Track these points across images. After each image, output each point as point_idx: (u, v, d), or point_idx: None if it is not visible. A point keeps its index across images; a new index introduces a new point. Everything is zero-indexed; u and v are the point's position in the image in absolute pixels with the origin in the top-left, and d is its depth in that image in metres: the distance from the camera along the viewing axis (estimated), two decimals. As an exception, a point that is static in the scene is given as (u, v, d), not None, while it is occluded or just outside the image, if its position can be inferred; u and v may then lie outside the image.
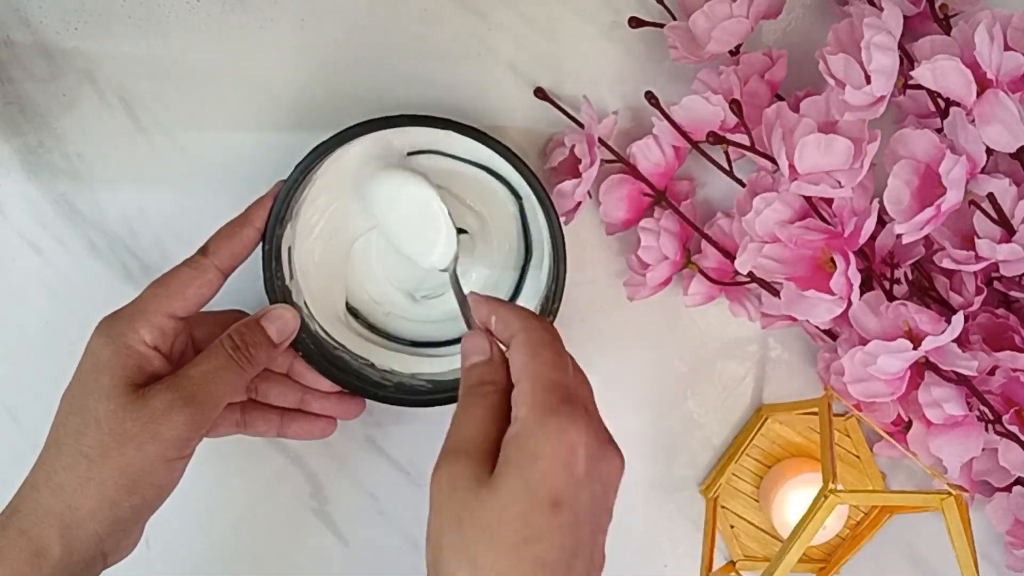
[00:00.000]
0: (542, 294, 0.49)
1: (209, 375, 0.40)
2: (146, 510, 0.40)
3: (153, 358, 0.41)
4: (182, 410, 0.39)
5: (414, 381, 0.50)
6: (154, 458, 0.38)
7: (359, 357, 0.50)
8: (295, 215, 0.47)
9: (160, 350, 0.41)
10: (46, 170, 0.51)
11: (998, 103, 0.42)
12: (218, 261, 0.43)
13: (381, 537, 0.54)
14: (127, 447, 0.38)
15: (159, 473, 0.39)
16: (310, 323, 0.48)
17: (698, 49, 0.48)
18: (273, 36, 0.51)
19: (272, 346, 0.43)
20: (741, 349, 0.55)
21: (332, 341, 0.49)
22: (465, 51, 0.51)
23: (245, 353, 0.41)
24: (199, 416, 0.39)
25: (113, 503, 0.38)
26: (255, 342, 0.42)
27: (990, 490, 0.51)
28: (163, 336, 0.41)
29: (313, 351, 0.47)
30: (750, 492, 0.56)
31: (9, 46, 0.50)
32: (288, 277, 0.47)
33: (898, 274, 0.47)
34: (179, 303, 0.42)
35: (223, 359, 0.41)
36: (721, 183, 0.51)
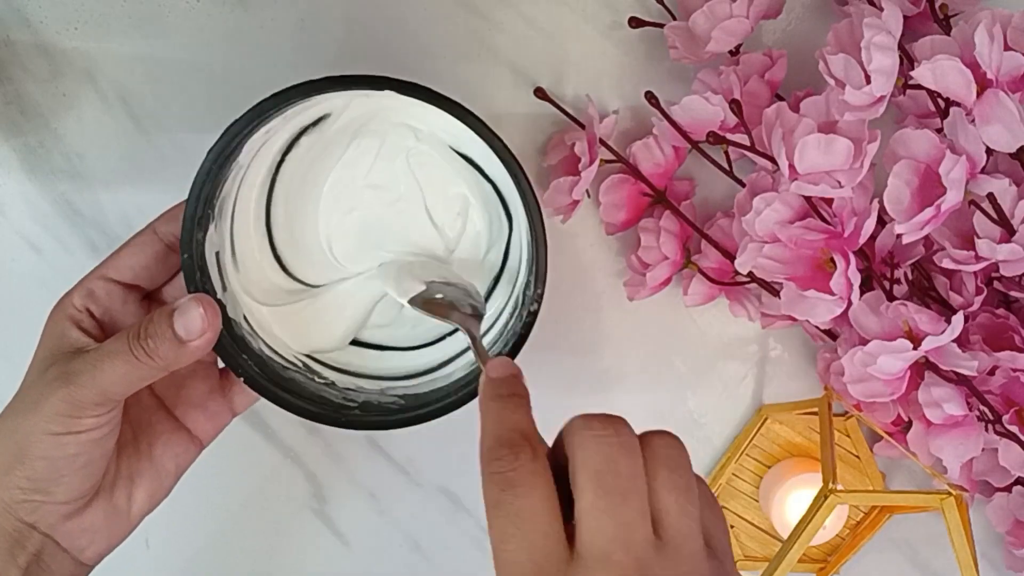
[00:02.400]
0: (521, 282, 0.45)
1: (100, 359, 0.37)
2: (53, 486, 0.37)
3: (81, 320, 0.40)
4: (61, 387, 0.37)
5: (383, 398, 0.44)
6: (35, 429, 0.37)
7: (316, 376, 0.45)
8: (220, 213, 0.41)
9: (93, 313, 0.40)
10: (46, 170, 0.51)
11: (998, 103, 0.42)
12: (157, 223, 0.42)
13: (381, 537, 0.54)
14: (17, 414, 0.38)
15: (43, 445, 0.37)
16: (252, 341, 0.43)
17: (698, 49, 0.48)
18: (273, 36, 0.51)
19: (178, 343, 0.38)
20: (741, 349, 0.55)
21: (281, 360, 0.44)
22: (465, 51, 0.51)
23: (144, 344, 0.37)
24: (77, 395, 0.37)
25: (6, 469, 0.37)
26: (157, 335, 0.37)
27: (990, 490, 0.51)
28: (92, 297, 0.40)
29: (257, 375, 0.42)
30: (750, 492, 0.56)
31: (9, 46, 0.49)
32: (221, 289, 0.42)
33: (898, 274, 0.47)
34: (111, 263, 0.41)
35: (120, 346, 0.38)
36: (721, 183, 0.51)
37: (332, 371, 0.46)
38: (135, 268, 0.41)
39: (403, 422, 0.42)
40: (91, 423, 0.37)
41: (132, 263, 0.41)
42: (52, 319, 0.41)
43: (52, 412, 0.37)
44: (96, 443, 0.38)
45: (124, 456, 0.41)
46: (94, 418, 0.37)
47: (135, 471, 0.41)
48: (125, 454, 0.41)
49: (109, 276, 0.41)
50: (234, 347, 0.41)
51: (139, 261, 0.41)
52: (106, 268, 0.41)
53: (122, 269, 0.41)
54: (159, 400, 0.42)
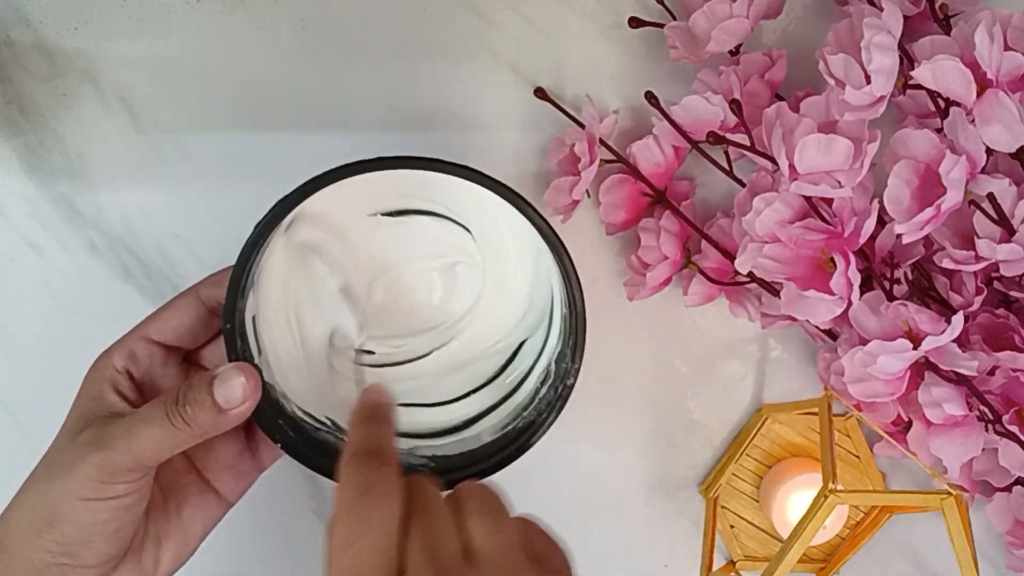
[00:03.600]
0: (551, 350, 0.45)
1: (136, 425, 0.37)
2: (83, 551, 0.37)
3: (120, 382, 0.40)
4: (94, 452, 0.36)
5: (412, 459, 0.43)
6: (67, 494, 0.36)
7: (344, 433, 0.43)
8: (257, 279, 0.41)
9: (132, 375, 0.40)
10: (46, 170, 0.51)
11: (998, 103, 0.42)
12: (200, 286, 0.42)
13: (381, 537, 0.54)
14: (50, 477, 0.37)
15: (75, 511, 0.36)
16: (286, 404, 0.42)
17: (698, 49, 0.48)
18: (273, 36, 0.51)
19: (218, 411, 0.37)
20: (741, 349, 0.55)
21: (313, 422, 0.43)
22: (465, 51, 0.51)
23: (181, 412, 0.37)
24: (110, 462, 0.36)
25: (36, 532, 0.36)
26: (197, 402, 0.37)
27: (990, 490, 0.51)
28: (133, 359, 0.40)
29: (293, 439, 0.41)
30: (750, 492, 0.56)
31: (9, 46, 0.49)
32: (257, 353, 0.41)
33: (898, 274, 0.47)
34: (152, 324, 0.41)
35: (157, 412, 0.37)
36: (721, 183, 0.51)
37: None
38: (178, 330, 0.41)
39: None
40: (123, 489, 0.37)
41: (175, 325, 0.41)
42: (90, 379, 0.40)
43: (84, 477, 0.36)
44: (127, 509, 0.37)
45: (152, 518, 0.40)
46: (126, 484, 0.37)
47: (163, 533, 0.40)
48: (154, 516, 0.40)
49: (151, 337, 0.41)
50: (270, 412, 0.41)
51: (182, 324, 0.41)
52: (148, 329, 0.41)
53: (165, 331, 0.41)
54: (190, 462, 0.42)
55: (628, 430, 0.55)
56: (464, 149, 0.52)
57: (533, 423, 0.43)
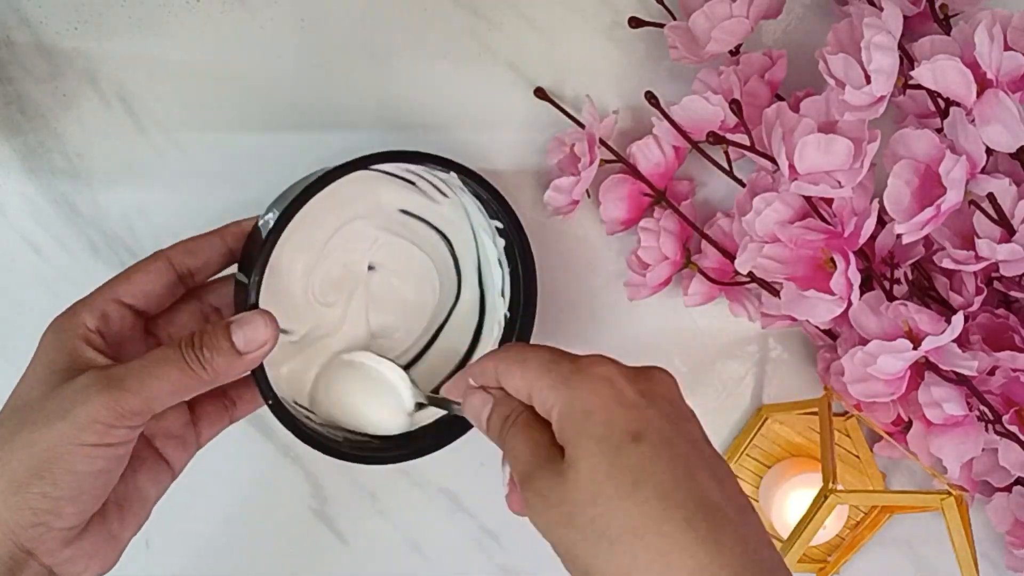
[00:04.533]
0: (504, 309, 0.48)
1: (148, 365, 0.36)
2: (68, 506, 0.36)
3: (94, 340, 0.39)
4: (102, 391, 0.35)
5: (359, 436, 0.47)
6: (64, 438, 0.35)
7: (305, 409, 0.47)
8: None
9: (103, 334, 0.39)
10: (46, 170, 0.51)
11: (998, 103, 0.42)
12: (171, 252, 0.42)
13: (381, 537, 0.54)
14: (38, 425, 0.35)
15: (72, 457, 0.35)
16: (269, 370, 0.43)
17: (698, 49, 0.48)
18: (273, 36, 0.51)
19: (236, 354, 0.38)
20: (741, 349, 0.55)
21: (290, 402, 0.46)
22: (465, 51, 0.51)
23: (199, 354, 0.37)
24: (122, 401, 0.35)
25: (20, 485, 0.35)
26: (215, 346, 0.37)
27: (990, 490, 0.51)
28: (105, 319, 0.40)
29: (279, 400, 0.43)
30: (750, 492, 0.56)
31: (9, 46, 0.49)
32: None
33: (898, 274, 0.47)
34: (124, 286, 0.40)
35: (172, 353, 0.37)
36: (721, 183, 0.51)
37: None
38: (149, 295, 0.41)
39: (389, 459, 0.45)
40: (124, 435, 0.36)
41: (146, 289, 0.41)
42: (57, 335, 0.39)
43: (89, 419, 0.35)
44: (118, 460, 0.37)
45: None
46: (127, 429, 0.36)
47: (122, 497, 0.40)
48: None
49: (122, 300, 0.40)
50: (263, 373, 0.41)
51: (153, 287, 0.41)
52: (118, 291, 0.41)
53: (136, 294, 0.41)
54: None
55: (628, 430, 0.55)
56: (464, 149, 0.52)
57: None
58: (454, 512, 0.54)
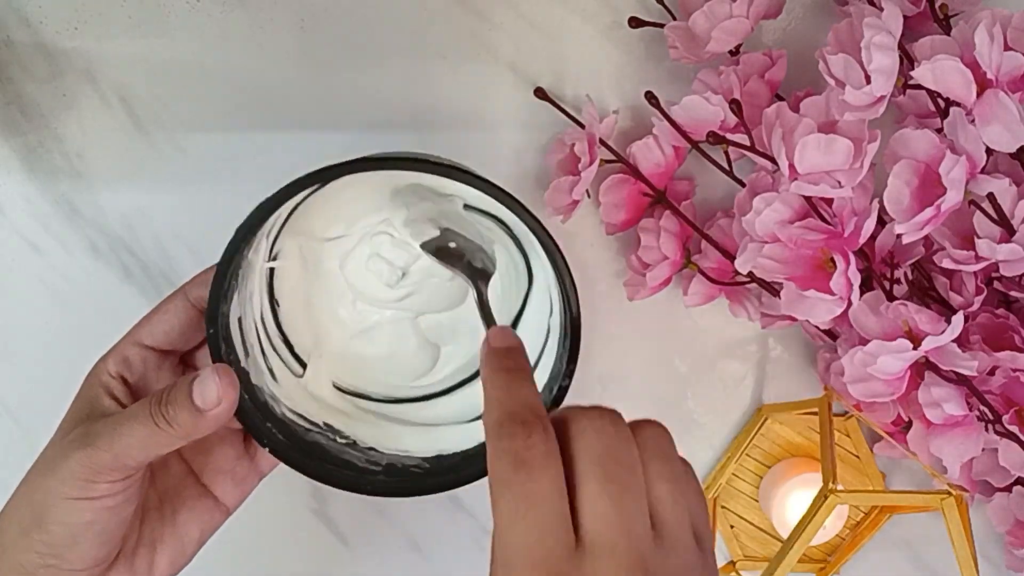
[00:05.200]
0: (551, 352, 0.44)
1: (120, 423, 0.37)
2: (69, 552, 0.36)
3: (113, 387, 0.39)
4: (79, 449, 0.36)
5: (407, 460, 0.43)
6: (53, 493, 0.36)
7: (338, 435, 0.44)
8: (242, 281, 0.40)
9: (126, 380, 0.40)
10: (46, 170, 0.51)
11: (998, 103, 0.42)
12: (188, 287, 0.41)
13: (381, 537, 0.54)
14: (38, 477, 0.37)
15: (61, 510, 0.36)
16: (276, 406, 0.42)
17: (698, 49, 0.48)
18: (273, 36, 0.51)
19: (196, 412, 0.37)
20: (741, 349, 0.55)
21: (305, 423, 0.43)
22: (465, 51, 0.51)
23: (163, 412, 0.37)
24: (94, 458, 0.36)
25: (24, 532, 0.36)
26: (177, 402, 0.37)
27: (990, 490, 0.51)
28: (127, 364, 0.40)
29: (281, 442, 0.41)
30: (750, 492, 0.56)
31: (9, 46, 0.49)
32: (244, 356, 0.41)
33: (898, 274, 0.47)
34: (144, 328, 0.41)
35: (141, 411, 0.37)
36: (721, 183, 0.51)
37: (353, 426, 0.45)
38: (169, 334, 0.41)
39: (432, 488, 0.41)
40: (105, 489, 0.36)
41: (167, 328, 0.41)
42: (86, 384, 0.40)
43: (68, 475, 0.36)
44: (111, 511, 0.37)
45: (148, 522, 0.40)
46: (108, 484, 0.36)
47: (157, 537, 0.40)
48: (149, 520, 0.40)
49: (143, 342, 0.41)
50: (258, 415, 0.41)
51: (172, 327, 0.41)
52: (139, 334, 0.41)
53: (156, 335, 0.41)
54: (187, 466, 0.42)
55: (628, 430, 0.55)
56: (464, 149, 0.52)
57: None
58: (454, 512, 0.54)
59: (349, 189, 0.41)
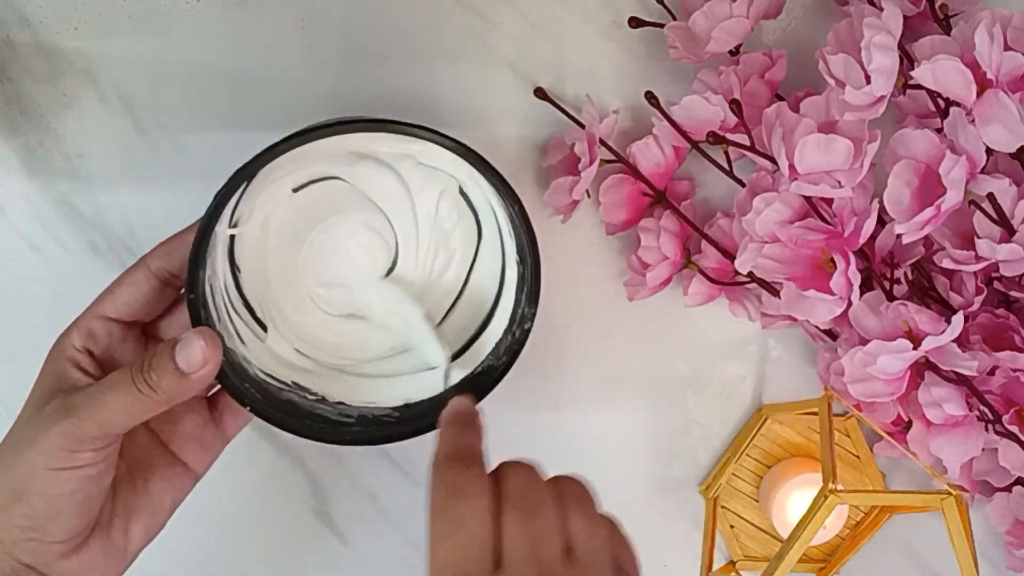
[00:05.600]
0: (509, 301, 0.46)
1: (102, 392, 0.37)
2: (51, 524, 0.37)
3: (80, 360, 0.40)
4: (61, 420, 0.37)
5: (377, 411, 0.45)
6: (33, 465, 0.36)
7: (308, 392, 0.45)
8: (213, 247, 0.41)
9: (92, 352, 0.40)
10: (46, 170, 0.51)
11: (998, 103, 0.42)
12: (149, 258, 0.42)
13: (381, 537, 0.54)
14: (15, 451, 0.37)
15: (42, 481, 0.37)
16: (249, 367, 0.43)
17: (698, 49, 0.48)
18: (273, 36, 0.51)
19: (181, 375, 0.38)
20: (741, 349, 0.55)
21: (277, 383, 0.44)
22: (465, 51, 0.51)
23: (146, 378, 0.37)
24: (77, 429, 0.36)
25: (4, 507, 0.37)
26: (160, 367, 0.37)
27: (990, 490, 0.51)
28: (92, 337, 0.40)
29: (260, 401, 0.42)
30: (750, 492, 0.56)
31: (9, 46, 0.49)
32: (216, 319, 0.42)
33: (898, 274, 0.47)
34: (107, 300, 0.41)
35: (123, 379, 0.37)
36: (721, 183, 0.51)
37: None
38: (132, 305, 0.41)
39: (406, 434, 0.43)
40: (89, 457, 0.37)
41: (129, 300, 0.41)
42: (51, 359, 0.41)
43: (51, 446, 0.36)
44: (93, 480, 0.38)
45: (120, 493, 0.40)
46: (91, 452, 0.37)
47: (131, 507, 0.41)
48: (121, 491, 0.40)
49: (107, 315, 0.41)
50: (235, 376, 0.41)
51: (135, 298, 0.41)
52: (102, 306, 0.41)
53: (119, 307, 0.41)
54: (154, 436, 0.42)
55: (628, 430, 0.55)
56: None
57: (492, 367, 0.45)
58: (454, 512, 0.54)
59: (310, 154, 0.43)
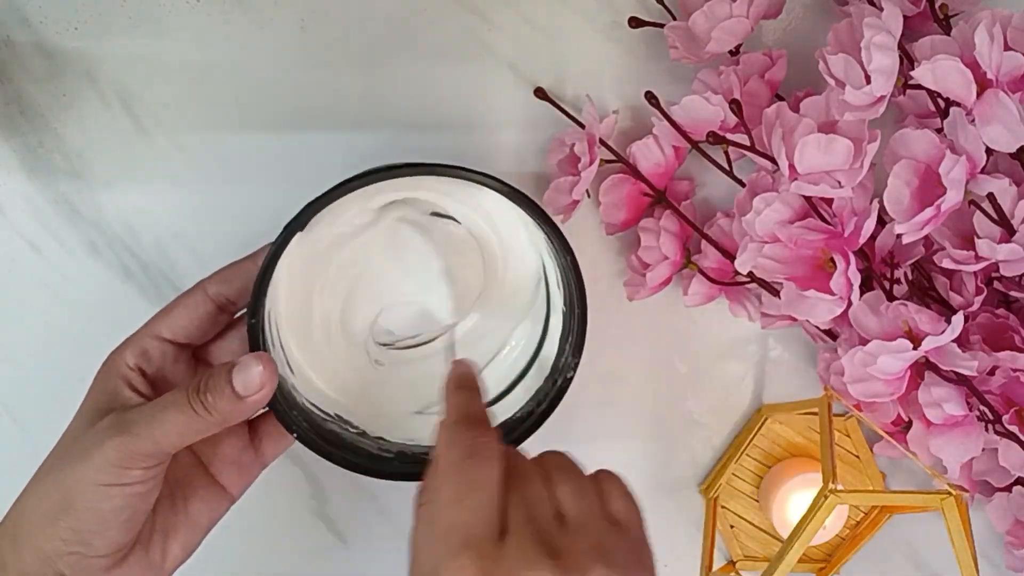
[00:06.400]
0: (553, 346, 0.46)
1: (157, 411, 0.38)
2: (96, 538, 0.38)
3: (133, 378, 0.40)
4: (115, 436, 0.37)
5: (416, 449, 0.45)
6: (85, 479, 0.37)
7: (349, 425, 0.46)
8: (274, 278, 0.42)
9: (144, 372, 0.41)
10: (46, 170, 0.51)
11: (998, 103, 0.42)
12: (207, 283, 0.42)
13: (381, 537, 0.54)
14: (66, 464, 0.38)
15: (92, 496, 0.37)
16: (298, 396, 0.44)
17: (698, 49, 0.48)
18: (273, 36, 0.51)
19: (237, 398, 0.38)
20: (741, 349, 0.55)
21: (321, 413, 0.45)
22: (465, 51, 0.51)
23: (202, 399, 0.38)
24: (131, 445, 0.37)
25: (50, 519, 0.37)
26: (216, 389, 0.38)
27: (990, 490, 0.51)
28: (146, 357, 0.41)
29: (307, 429, 0.43)
30: (750, 492, 0.56)
31: (9, 46, 0.49)
32: (271, 346, 0.42)
33: (898, 274, 0.47)
34: (164, 321, 0.42)
35: (179, 399, 0.38)
36: (721, 183, 0.51)
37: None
38: (188, 328, 0.42)
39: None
40: (139, 475, 0.38)
41: (185, 323, 0.42)
42: (103, 375, 0.41)
43: (103, 461, 0.37)
44: (141, 497, 0.38)
45: (160, 511, 0.41)
46: (142, 470, 0.38)
47: (170, 526, 0.41)
48: (161, 509, 0.41)
49: (162, 335, 0.42)
50: (284, 403, 0.42)
51: (191, 321, 0.42)
52: (158, 327, 0.42)
53: (175, 329, 0.42)
54: (195, 457, 0.43)
55: (628, 430, 0.55)
56: (464, 149, 0.52)
57: (531, 414, 0.45)
58: (454, 512, 0.54)
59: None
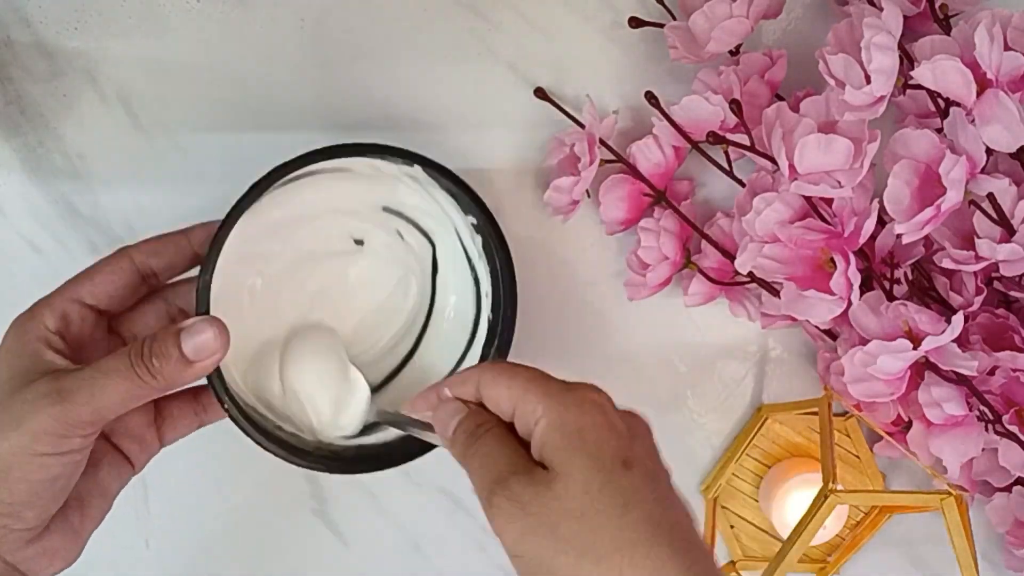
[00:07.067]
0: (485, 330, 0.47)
1: (98, 376, 0.36)
2: (27, 510, 0.36)
3: (55, 342, 0.39)
4: (53, 404, 0.35)
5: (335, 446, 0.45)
6: (17, 449, 0.35)
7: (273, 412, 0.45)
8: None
9: (64, 335, 0.39)
10: (46, 170, 0.51)
11: (998, 103, 0.42)
12: (134, 251, 0.41)
13: (381, 537, 0.54)
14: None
15: (26, 466, 0.35)
16: (225, 375, 0.42)
17: (698, 49, 0.48)
18: (273, 36, 0.51)
19: (185, 363, 0.37)
20: (741, 349, 0.55)
21: (242, 400, 0.44)
22: (465, 51, 0.51)
23: (147, 364, 0.36)
24: (71, 414, 0.35)
25: None
26: (163, 354, 0.36)
27: (990, 490, 0.51)
28: (65, 320, 0.39)
29: (237, 407, 0.42)
30: (750, 492, 0.56)
31: (9, 46, 0.49)
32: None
33: (898, 274, 0.47)
34: (86, 286, 0.40)
35: (121, 363, 0.36)
36: (721, 183, 0.51)
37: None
38: (111, 295, 0.41)
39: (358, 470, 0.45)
40: (78, 443, 0.36)
41: (108, 289, 0.41)
42: (17, 338, 0.39)
43: (40, 431, 0.35)
44: (76, 465, 0.37)
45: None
46: (81, 438, 0.36)
47: (84, 493, 0.40)
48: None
49: (84, 300, 0.40)
50: (219, 381, 0.41)
51: (116, 288, 0.41)
52: (79, 290, 0.40)
53: (98, 294, 0.40)
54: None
55: (628, 430, 0.55)
56: (464, 149, 0.52)
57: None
58: (454, 512, 0.54)
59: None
